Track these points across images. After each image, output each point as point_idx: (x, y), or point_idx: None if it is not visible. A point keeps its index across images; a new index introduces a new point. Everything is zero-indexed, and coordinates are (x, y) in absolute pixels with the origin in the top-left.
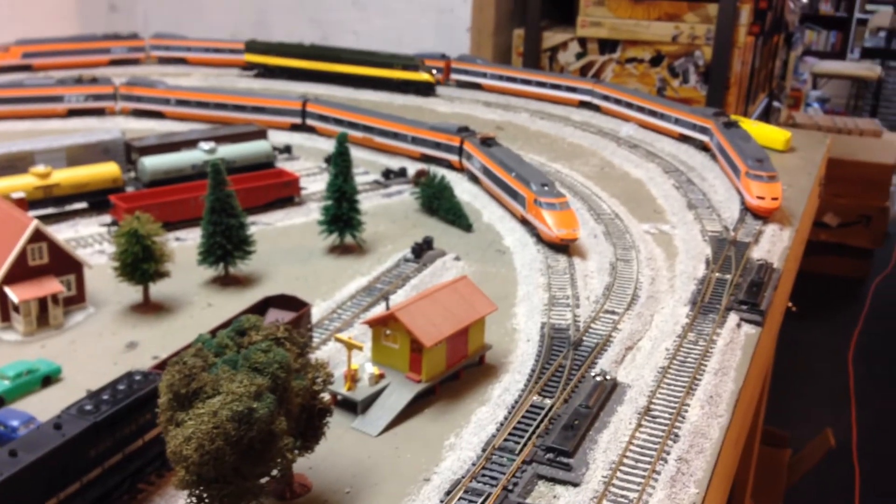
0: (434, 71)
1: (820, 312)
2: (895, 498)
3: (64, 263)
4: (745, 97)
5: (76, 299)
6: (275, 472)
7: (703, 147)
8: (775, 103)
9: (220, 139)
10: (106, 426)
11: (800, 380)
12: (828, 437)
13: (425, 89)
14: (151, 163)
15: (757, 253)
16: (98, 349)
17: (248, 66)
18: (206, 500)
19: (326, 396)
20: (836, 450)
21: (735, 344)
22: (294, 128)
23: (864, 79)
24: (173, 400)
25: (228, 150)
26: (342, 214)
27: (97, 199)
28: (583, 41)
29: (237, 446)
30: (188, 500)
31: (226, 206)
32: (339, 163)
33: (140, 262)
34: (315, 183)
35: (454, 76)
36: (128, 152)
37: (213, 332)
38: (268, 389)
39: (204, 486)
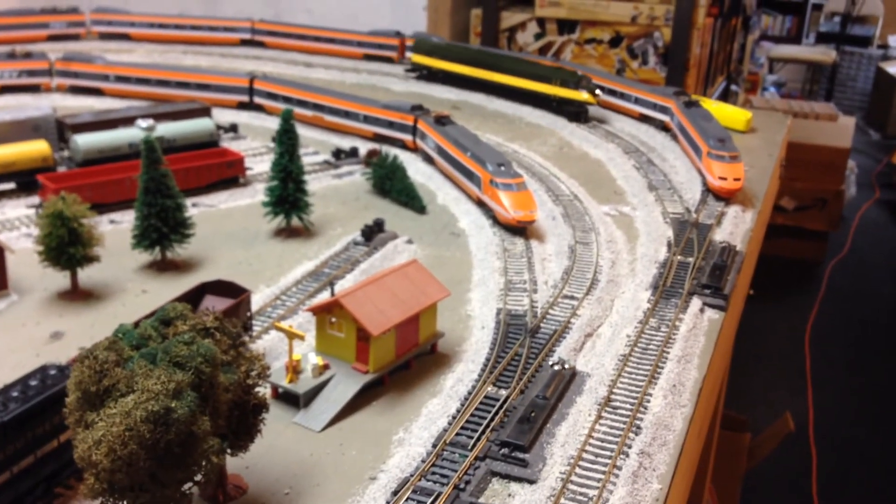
0: (598, 91)
1: (777, 295)
2: (851, 480)
3: None
4: (704, 80)
5: None
6: (198, 478)
7: (664, 127)
8: (733, 87)
9: (159, 116)
10: (14, 426)
11: (758, 363)
12: (787, 421)
13: (576, 114)
14: (85, 141)
15: (719, 235)
16: (20, 340)
17: (412, 68)
18: None
19: (262, 391)
20: (794, 432)
21: (698, 330)
22: (241, 106)
23: (820, 63)
24: (82, 399)
25: (169, 128)
26: (288, 195)
27: (25, 180)
28: (541, 21)
29: (153, 450)
30: None
31: (161, 185)
32: (285, 140)
33: (66, 246)
34: (261, 163)
35: (410, 54)
36: (60, 130)
37: (138, 324)
38: (190, 386)
39: (117, 494)
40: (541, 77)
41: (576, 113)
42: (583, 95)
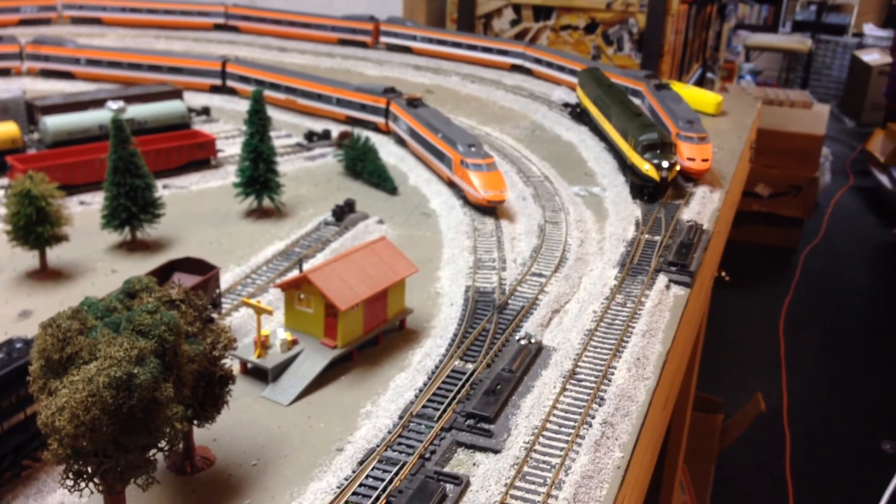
0: (666, 164)
1: (752, 282)
2: (824, 461)
3: None
4: (679, 66)
5: None
6: (163, 445)
7: None
8: (709, 74)
9: (130, 99)
10: None
11: (732, 348)
12: (758, 402)
13: (640, 188)
14: (54, 122)
15: (687, 214)
16: None
17: (573, 108)
18: (85, 476)
19: (228, 362)
20: (768, 415)
21: (664, 305)
22: (214, 89)
23: (796, 51)
24: (46, 366)
25: (139, 110)
26: (259, 176)
27: None
28: (517, 8)
29: (116, 416)
30: (63, 476)
31: (130, 165)
32: (255, 121)
33: (34, 225)
34: (234, 146)
35: (383, 39)
36: (30, 112)
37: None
38: (153, 353)
39: (81, 460)
40: (623, 130)
41: (639, 187)
42: (644, 166)
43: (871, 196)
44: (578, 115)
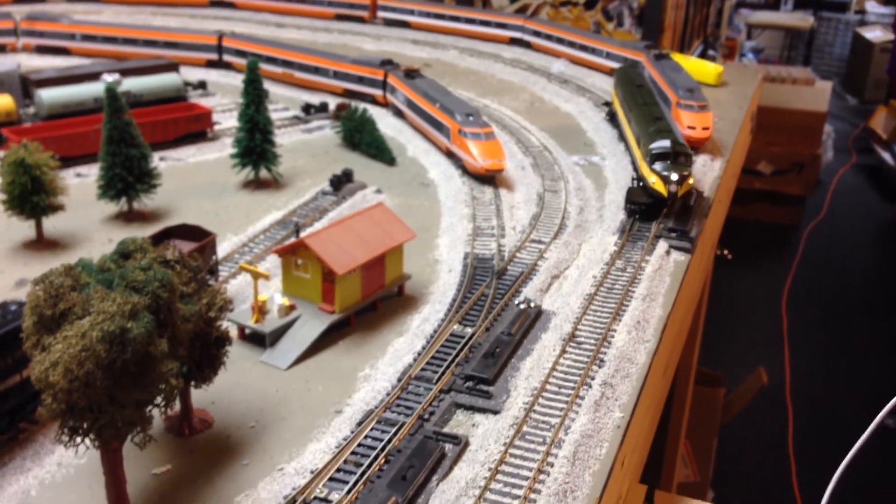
0: (676, 177)
1: (754, 259)
2: (826, 436)
3: None
4: (680, 42)
5: None
6: (159, 400)
7: None
8: (710, 51)
9: (126, 72)
10: None
11: (735, 324)
12: (760, 375)
13: (635, 206)
14: (49, 95)
15: None
16: None
17: (609, 109)
18: (81, 432)
19: (225, 324)
20: (770, 391)
21: (664, 270)
22: (210, 64)
23: (797, 29)
24: (39, 323)
25: (135, 83)
26: (255, 146)
27: None
28: None
29: (110, 370)
30: (58, 432)
31: (125, 135)
32: (251, 91)
33: (30, 194)
34: (230, 119)
35: (381, 14)
36: (24, 86)
37: None
38: (147, 309)
39: (76, 415)
40: (638, 136)
41: (635, 205)
42: (650, 178)
43: (874, 173)
44: (612, 117)
